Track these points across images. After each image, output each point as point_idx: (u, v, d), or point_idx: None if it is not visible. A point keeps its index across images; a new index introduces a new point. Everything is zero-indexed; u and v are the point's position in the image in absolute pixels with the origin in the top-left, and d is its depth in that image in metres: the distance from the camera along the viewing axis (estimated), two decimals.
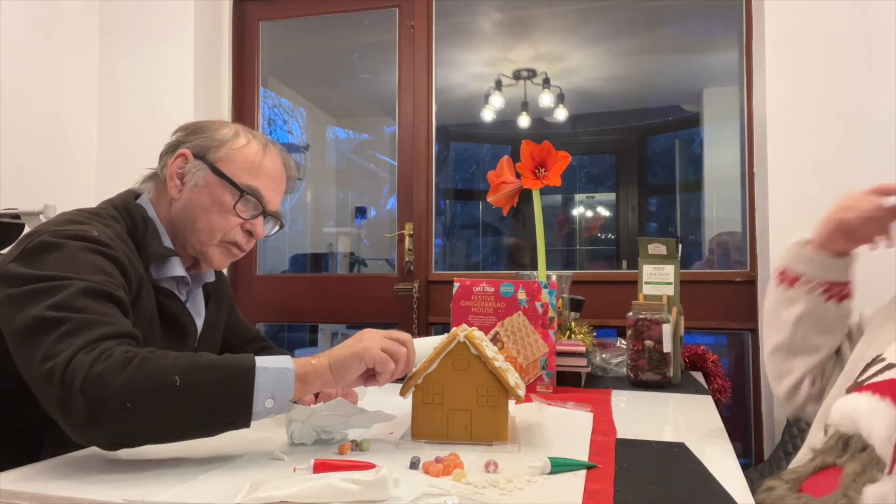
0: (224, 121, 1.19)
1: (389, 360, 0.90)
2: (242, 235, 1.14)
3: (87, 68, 2.54)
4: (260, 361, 0.84)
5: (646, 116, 5.12)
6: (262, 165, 1.13)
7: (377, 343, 0.90)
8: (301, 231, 4.67)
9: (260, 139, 1.17)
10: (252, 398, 0.81)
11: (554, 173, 1.50)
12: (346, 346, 0.91)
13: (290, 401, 0.85)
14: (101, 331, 0.82)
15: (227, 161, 1.12)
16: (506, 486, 0.73)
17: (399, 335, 0.94)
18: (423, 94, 2.58)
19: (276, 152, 1.18)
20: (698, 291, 2.20)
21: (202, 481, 0.75)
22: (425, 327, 2.51)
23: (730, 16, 2.40)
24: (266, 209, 1.15)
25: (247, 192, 1.11)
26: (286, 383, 0.84)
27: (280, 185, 1.18)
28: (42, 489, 0.72)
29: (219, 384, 0.80)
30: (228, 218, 1.11)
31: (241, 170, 1.12)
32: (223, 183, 1.11)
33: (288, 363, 0.86)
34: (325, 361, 0.88)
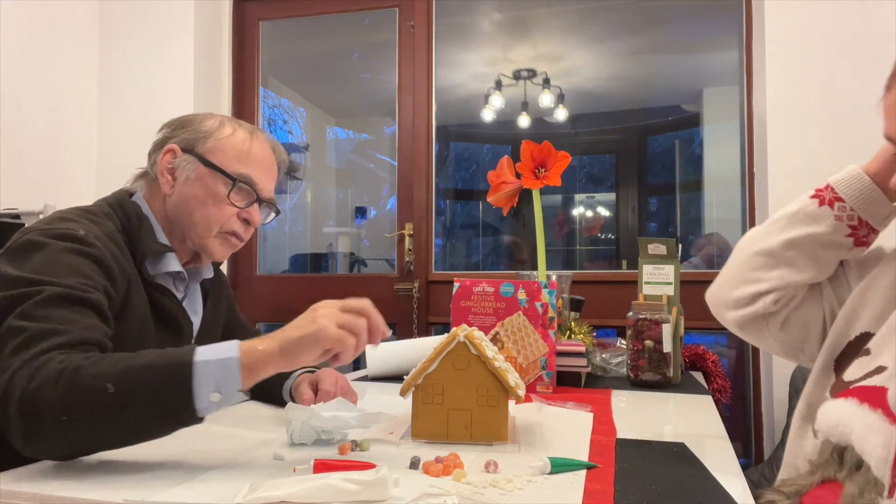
0: (209, 113, 1.19)
1: (348, 335, 0.82)
2: (240, 225, 1.14)
3: (87, 68, 2.54)
4: (200, 353, 0.78)
5: (646, 116, 5.12)
6: (251, 152, 1.13)
7: (332, 319, 0.83)
8: (301, 231, 4.67)
9: (246, 127, 1.16)
10: (192, 396, 0.76)
11: (554, 173, 1.50)
12: (299, 325, 0.84)
13: (238, 391, 0.80)
14: (53, 341, 0.80)
15: (216, 151, 1.11)
16: (506, 486, 0.73)
17: (357, 305, 0.86)
18: (423, 94, 2.58)
19: (263, 139, 1.17)
20: (698, 291, 2.19)
21: (202, 481, 0.75)
22: (425, 327, 2.51)
23: (730, 16, 2.40)
24: (260, 196, 1.15)
25: (239, 181, 1.11)
26: (230, 374, 0.78)
27: (271, 170, 1.18)
28: (42, 489, 0.72)
29: (155, 386, 0.77)
30: (224, 208, 1.11)
31: (230, 158, 1.11)
32: (215, 173, 1.10)
33: (232, 351, 0.80)
34: (274, 345, 0.81)
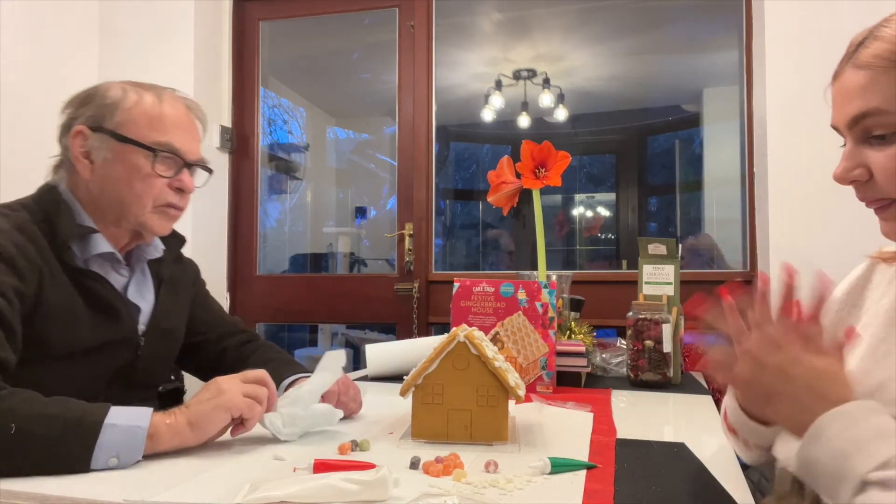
0: (109, 82, 1.10)
1: (254, 404, 0.89)
2: (174, 194, 1.09)
3: (87, 68, 2.54)
4: (112, 416, 0.80)
5: (646, 116, 5.12)
6: (164, 116, 1.06)
7: (237, 390, 0.88)
8: (301, 231, 4.67)
9: (152, 90, 1.09)
10: (91, 456, 0.78)
11: (554, 173, 1.50)
12: (205, 399, 0.87)
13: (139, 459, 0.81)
14: None
15: (127, 123, 1.04)
16: (506, 486, 0.73)
17: (255, 375, 0.92)
18: (423, 94, 2.57)
19: (173, 98, 1.10)
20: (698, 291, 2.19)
21: (202, 481, 0.75)
22: (425, 327, 2.51)
23: (730, 16, 2.40)
24: (186, 160, 1.09)
25: (160, 150, 1.05)
26: (134, 443, 0.81)
27: (190, 130, 1.11)
28: (42, 489, 0.72)
29: (57, 439, 0.77)
30: (152, 182, 1.05)
31: (143, 128, 1.05)
32: (132, 148, 1.04)
33: (142, 420, 0.82)
34: (182, 419, 0.85)
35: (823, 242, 1.95)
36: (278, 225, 4.54)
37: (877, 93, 0.63)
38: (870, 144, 0.65)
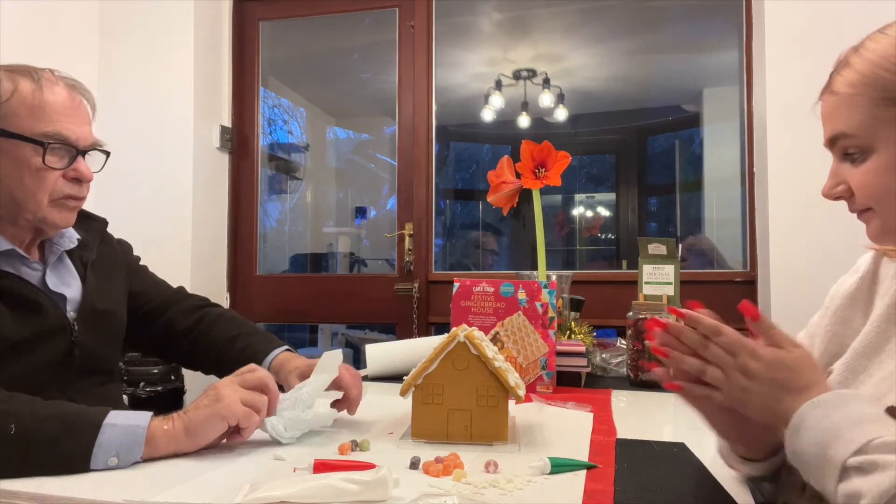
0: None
1: (252, 413, 0.86)
2: (70, 186, 1.03)
3: (87, 68, 2.54)
4: (111, 417, 0.81)
5: (646, 116, 5.12)
6: (45, 104, 0.99)
7: (235, 396, 0.86)
8: (301, 231, 4.67)
9: (28, 75, 1.01)
10: (90, 456, 0.78)
11: (554, 173, 1.50)
12: (203, 405, 0.86)
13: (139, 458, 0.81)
14: None
15: (7, 117, 0.97)
16: (506, 486, 0.73)
17: (257, 380, 0.90)
18: (423, 94, 2.58)
19: (52, 80, 1.02)
20: (698, 291, 2.19)
21: (202, 481, 0.75)
22: (425, 327, 2.51)
23: (730, 16, 2.40)
24: (79, 147, 1.02)
25: (49, 142, 0.98)
26: (134, 444, 0.80)
27: (77, 114, 1.03)
28: (41, 489, 0.72)
29: (57, 438, 0.78)
30: (44, 176, 0.99)
31: (26, 120, 0.97)
32: (17, 143, 0.97)
33: (142, 420, 0.82)
34: (179, 425, 0.84)
35: (823, 242, 1.95)
36: (278, 225, 4.54)
37: (843, 117, 0.69)
38: (848, 162, 0.70)
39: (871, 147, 0.67)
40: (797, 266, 2.01)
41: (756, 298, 2.19)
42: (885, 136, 0.66)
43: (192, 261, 2.46)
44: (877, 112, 0.65)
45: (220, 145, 2.61)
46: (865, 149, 0.68)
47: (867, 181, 0.68)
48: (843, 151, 0.70)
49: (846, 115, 0.68)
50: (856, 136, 0.68)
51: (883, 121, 0.65)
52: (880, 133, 0.66)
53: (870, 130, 0.66)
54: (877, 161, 0.67)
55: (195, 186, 2.48)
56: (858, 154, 0.68)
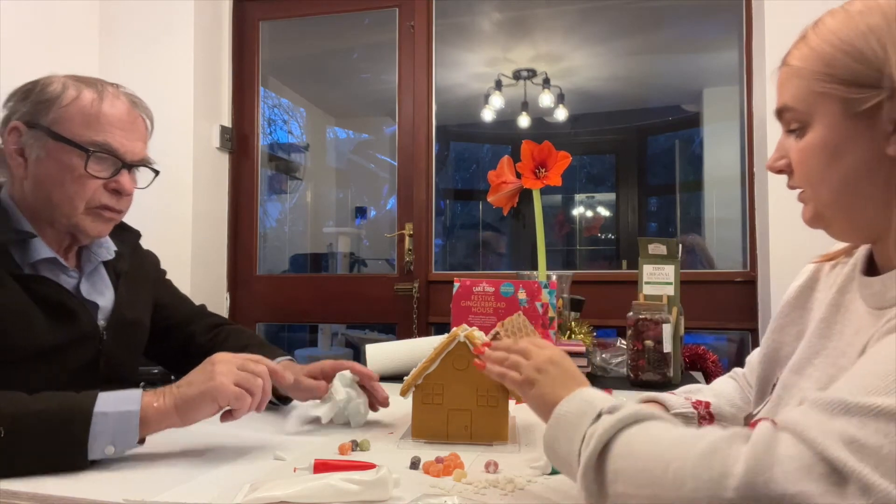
0: (53, 76, 1.05)
1: (244, 395, 0.84)
2: (109, 196, 1.04)
3: (87, 68, 2.54)
4: (100, 404, 0.79)
5: (646, 116, 5.12)
6: (102, 114, 1.01)
7: (230, 377, 0.83)
8: (301, 231, 4.67)
9: (94, 85, 1.04)
10: (86, 449, 0.77)
11: (554, 173, 1.50)
12: (196, 381, 0.84)
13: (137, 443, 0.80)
14: None
15: (62, 121, 1.00)
16: (506, 486, 0.73)
17: (254, 365, 0.87)
18: (423, 94, 2.58)
19: (115, 94, 1.05)
20: (698, 291, 2.19)
21: (202, 481, 0.75)
22: (425, 327, 2.51)
23: (730, 16, 2.40)
24: (125, 160, 1.04)
25: (94, 150, 1.00)
26: (129, 428, 0.79)
27: (133, 129, 1.06)
28: (41, 489, 0.72)
29: (48, 435, 0.76)
30: (85, 183, 1.00)
31: (79, 126, 1.00)
32: (66, 147, 0.99)
33: (133, 404, 0.80)
34: (170, 402, 0.82)
35: (823, 243, 1.95)
36: (278, 225, 4.54)
37: (789, 90, 0.67)
38: (793, 136, 0.69)
39: (809, 122, 0.66)
40: (797, 266, 2.00)
41: (756, 298, 2.19)
42: (822, 111, 0.64)
43: (192, 261, 2.46)
44: (816, 87, 0.64)
45: (220, 145, 2.61)
46: (804, 123, 0.66)
47: (801, 158, 0.67)
48: (788, 125, 0.69)
49: (792, 87, 0.67)
50: (796, 109, 0.66)
51: (821, 96, 0.64)
52: (818, 109, 0.64)
53: (810, 105, 0.65)
54: (812, 137, 0.65)
55: (195, 186, 2.48)
56: (799, 129, 0.67)
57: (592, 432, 0.59)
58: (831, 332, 0.70)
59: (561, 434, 0.64)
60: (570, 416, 0.64)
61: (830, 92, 0.63)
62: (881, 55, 0.60)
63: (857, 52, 0.61)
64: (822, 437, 0.47)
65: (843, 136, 0.63)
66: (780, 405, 0.72)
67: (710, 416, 0.90)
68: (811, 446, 0.47)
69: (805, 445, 0.47)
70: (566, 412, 0.65)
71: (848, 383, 0.51)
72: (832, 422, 0.48)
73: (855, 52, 0.61)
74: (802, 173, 0.68)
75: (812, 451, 0.47)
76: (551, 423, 0.66)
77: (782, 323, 0.81)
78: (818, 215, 0.69)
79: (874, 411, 0.47)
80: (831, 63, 0.63)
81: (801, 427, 0.48)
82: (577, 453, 0.60)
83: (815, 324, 0.73)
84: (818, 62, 0.64)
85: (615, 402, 0.63)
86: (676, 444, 0.53)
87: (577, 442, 0.61)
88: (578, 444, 0.60)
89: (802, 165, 0.68)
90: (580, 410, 0.64)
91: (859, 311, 0.68)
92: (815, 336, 0.72)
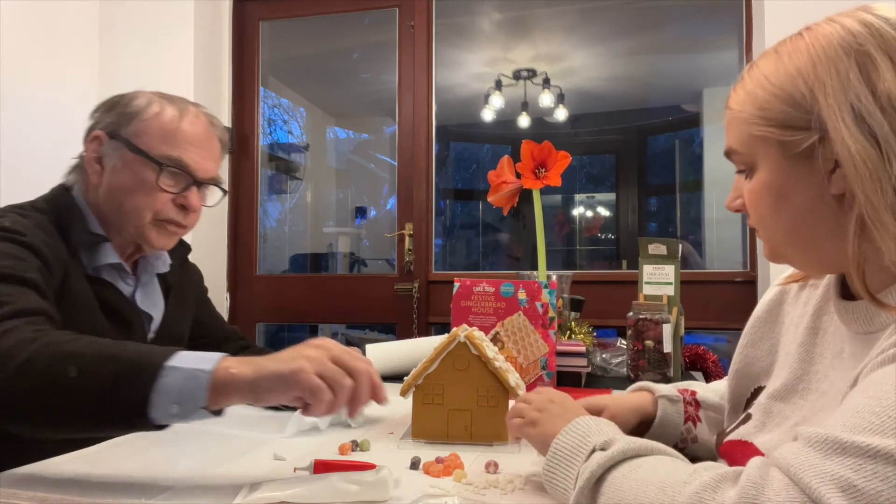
0: (140, 91, 1.10)
1: (324, 390, 0.69)
2: (177, 211, 1.07)
3: (87, 68, 2.54)
4: (176, 359, 0.70)
5: (646, 116, 5.12)
6: (179, 131, 1.05)
7: (315, 365, 0.70)
8: (301, 231, 4.67)
9: (177, 103, 1.08)
10: (148, 401, 0.67)
11: (554, 173, 1.50)
12: (280, 358, 0.72)
13: (202, 409, 0.69)
14: (5, 309, 0.78)
15: (141, 134, 1.04)
16: (506, 487, 0.73)
17: (352, 361, 0.73)
18: (423, 94, 2.58)
19: (196, 113, 1.09)
20: (698, 291, 2.20)
21: (202, 481, 0.75)
22: (425, 327, 2.51)
23: (730, 16, 2.40)
24: (196, 178, 1.07)
25: (167, 164, 1.04)
26: (196, 387, 0.68)
27: (208, 148, 1.09)
28: (42, 489, 0.72)
29: (116, 381, 0.68)
30: (154, 195, 1.04)
31: (156, 140, 1.04)
32: (141, 159, 1.03)
33: (206, 363, 0.70)
34: (248, 374, 0.70)
35: None
36: (278, 225, 4.54)
37: (732, 133, 0.68)
38: (743, 176, 0.70)
39: (754, 164, 0.66)
40: None
41: (756, 298, 2.19)
42: (763, 154, 0.65)
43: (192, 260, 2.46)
44: (753, 130, 0.64)
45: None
46: (750, 166, 0.67)
47: (751, 199, 0.68)
48: (738, 166, 0.70)
49: (734, 131, 0.67)
50: (740, 152, 0.67)
51: (759, 139, 0.64)
52: (759, 151, 0.65)
53: (751, 148, 0.66)
54: (758, 179, 0.66)
55: None
56: (747, 170, 0.68)
57: (583, 471, 0.60)
58: (812, 357, 0.70)
59: (557, 468, 0.65)
60: (565, 450, 0.65)
61: (767, 135, 0.63)
62: (809, 98, 0.60)
63: (787, 96, 0.62)
64: (816, 481, 0.46)
65: (786, 177, 0.63)
66: (763, 431, 0.71)
67: (695, 402, 0.91)
68: (804, 490, 0.46)
69: (797, 490, 0.46)
70: (562, 447, 0.66)
71: (842, 419, 0.50)
72: (826, 462, 0.47)
73: (785, 95, 0.62)
74: (754, 214, 0.69)
75: (805, 495, 0.45)
76: (548, 457, 0.67)
77: (754, 338, 0.80)
78: (776, 253, 0.70)
79: (870, 452, 0.46)
80: (764, 107, 0.63)
81: (794, 469, 0.47)
82: (571, 489, 0.61)
83: (795, 349, 0.72)
84: (753, 106, 0.65)
85: (609, 435, 0.63)
86: (663, 489, 0.53)
87: (570, 479, 0.62)
88: (572, 481, 0.62)
89: (753, 207, 0.68)
90: (574, 445, 0.65)
91: (840, 332, 0.68)
92: (797, 361, 0.71)
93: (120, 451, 0.87)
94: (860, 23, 0.60)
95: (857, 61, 0.59)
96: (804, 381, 0.70)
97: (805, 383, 0.70)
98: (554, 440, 0.67)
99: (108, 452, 0.86)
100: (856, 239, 0.58)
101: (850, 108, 0.57)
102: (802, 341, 0.72)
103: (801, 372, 0.71)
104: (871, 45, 0.59)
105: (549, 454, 0.67)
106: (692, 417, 0.90)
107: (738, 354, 0.81)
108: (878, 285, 0.60)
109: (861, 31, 0.60)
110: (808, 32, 0.64)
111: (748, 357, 0.80)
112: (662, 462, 0.58)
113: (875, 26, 0.60)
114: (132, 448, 0.87)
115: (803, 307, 0.75)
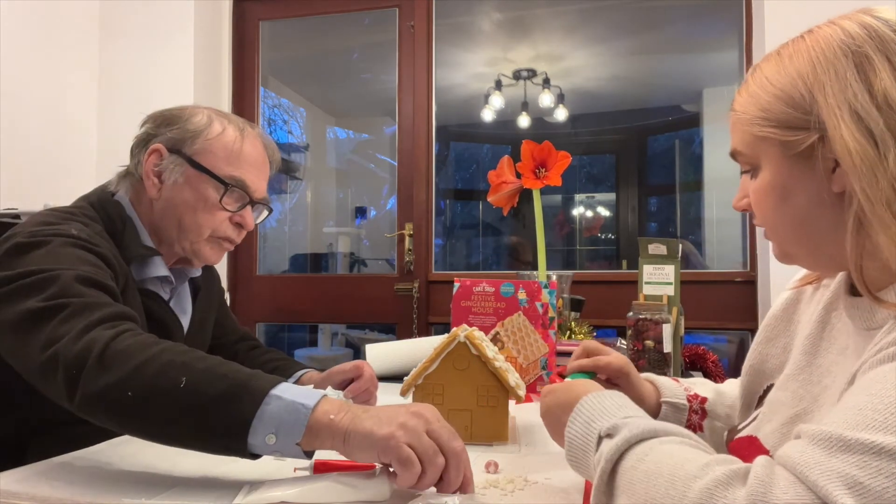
0: (196, 106, 1.12)
1: (414, 463, 0.64)
2: (233, 229, 1.10)
3: (87, 68, 2.54)
4: (281, 389, 0.69)
5: (646, 116, 5.12)
6: (242, 153, 1.08)
7: (409, 436, 0.65)
8: (301, 231, 4.67)
9: (236, 123, 1.11)
10: (249, 425, 0.67)
11: (554, 173, 1.50)
12: (378, 418, 0.68)
13: (296, 445, 0.68)
14: (110, 310, 0.79)
15: (205, 153, 1.06)
16: (506, 487, 0.73)
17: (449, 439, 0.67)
18: (423, 94, 2.58)
19: (255, 136, 1.12)
20: (698, 291, 2.20)
21: (202, 481, 0.75)
22: (425, 327, 2.51)
23: (730, 16, 2.40)
24: (253, 198, 1.10)
25: (232, 185, 1.06)
26: (295, 423, 0.67)
27: (263, 170, 1.13)
28: (41, 490, 0.72)
29: (222, 400, 0.69)
30: (215, 213, 1.07)
31: (221, 160, 1.06)
32: (205, 177, 1.05)
33: (310, 400, 0.69)
34: (345, 423, 0.68)
35: None
36: (278, 225, 4.54)
37: (736, 135, 0.70)
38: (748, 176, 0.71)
39: (758, 165, 0.68)
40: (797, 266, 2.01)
41: (756, 298, 2.19)
42: (766, 155, 0.66)
43: None
44: (756, 131, 0.66)
45: None
46: (754, 166, 0.68)
47: (756, 199, 0.69)
48: (743, 167, 0.71)
49: (738, 132, 0.69)
50: (744, 153, 0.69)
51: (762, 140, 0.66)
52: (762, 152, 0.67)
53: (754, 149, 0.67)
54: (762, 179, 0.67)
55: None
56: (752, 170, 0.69)
57: (596, 462, 0.60)
58: (817, 350, 0.71)
59: (577, 462, 0.66)
60: (577, 441, 0.66)
61: (769, 136, 0.65)
62: (809, 98, 0.62)
63: (788, 97, 0.64)
64: (823, 478, 0.46)
65: (788, 176, 0.65)
66: (763, 422, 0.72)
67: (702, 411, 0.91)
68: (811, 488, 0.46)
69: (804, 487, 0.46)
70: (573, 437, 0.66)
71: (844, 416, 0.50)
72: (831, 460, 0.47)
73: (785, 96, 0.64)
74: (759, 214, 0.70)
75: (812, 493, 0.46)
76: (566, 449, 0.67)
77: (769, 335, 0.81)
78: (784, 253, 0.71)
79: (874, 449, 0.46)
80: (766, 108, 0.65)
81: (800, 467, 0.48)
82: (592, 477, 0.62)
83: (801, 340, 0.73)
84: (755, 108, 0.66)
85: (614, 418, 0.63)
86: (673, 482, 0.52)
87: (591, 469, 0.63)
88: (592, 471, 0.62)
89: (758, 207, 0.70)
90: (583, 434, 0.65)
91: (846, 328, 0.68)
92: (801, 353, 0.72)
93: (120, 451, 0.87)
94: (860, 25, 0.61)
95: (854, 62, 0.60)
96: (805, 373, 0.71)
97: (807, 374, 0.70)
98: (566, 429, 0.67)
99: (109, 452, 0.86)
100: (854, 235, 0.60)
101: (849, 107, 0.59)
102: (809, 333, 0.73)
103: (804, 363, 0.71)
104: (869, 47, 0.60)
105: (566, 444, 0.67)
106: (694, 426, 0.91)
107: (753, 351, 0.82)
108: (881, 284, 0.61)
109: (860, 34, 0.61)
110: (810, 35, 0.65)
111: (762, 354, 0.81)
112: (671, 448, 0.57)
113: (874, 28, 0.61)
114: (132, 448, 0.87)
115: (816, 305, 0.76)
